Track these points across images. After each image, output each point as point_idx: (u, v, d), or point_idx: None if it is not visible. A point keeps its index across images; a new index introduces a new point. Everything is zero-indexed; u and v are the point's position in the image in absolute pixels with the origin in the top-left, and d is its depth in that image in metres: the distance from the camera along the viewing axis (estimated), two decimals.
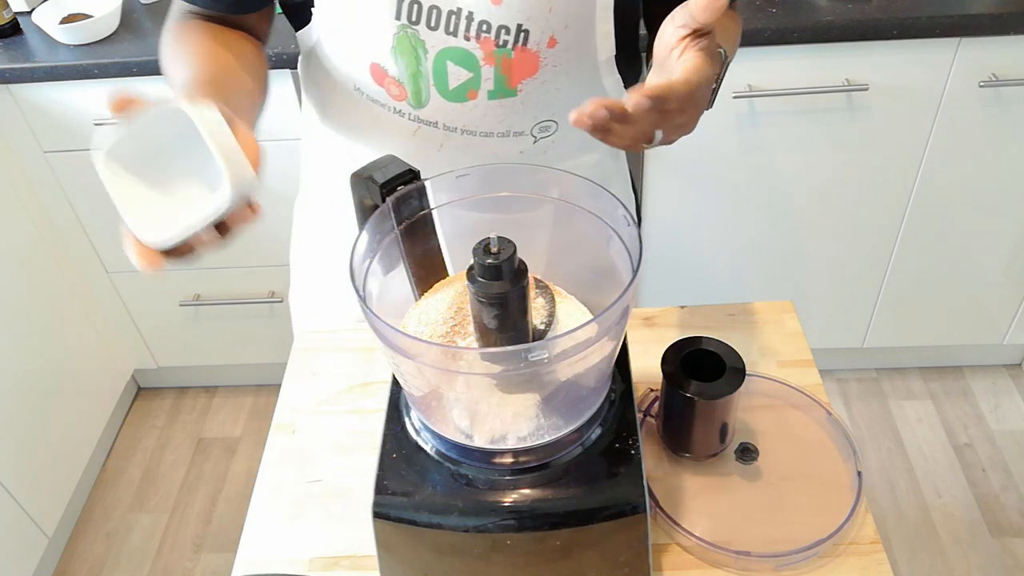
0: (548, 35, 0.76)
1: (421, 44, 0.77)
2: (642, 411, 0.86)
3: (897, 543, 1.75)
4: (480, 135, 0.83)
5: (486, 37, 0.76)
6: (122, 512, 1.94)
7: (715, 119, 1.59)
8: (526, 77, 0.79)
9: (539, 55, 0.78)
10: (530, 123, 0.84)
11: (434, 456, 0.68)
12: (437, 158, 0.85)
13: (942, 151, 1.62)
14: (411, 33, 0.76)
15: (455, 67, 0.78)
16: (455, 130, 0.83)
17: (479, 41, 0.76)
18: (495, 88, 0.79)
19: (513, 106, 0.81)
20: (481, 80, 0.79)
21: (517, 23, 0.75)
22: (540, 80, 0.80)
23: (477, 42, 0.76)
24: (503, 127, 0.83)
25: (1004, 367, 2.09)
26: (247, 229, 0.61)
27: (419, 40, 0.77)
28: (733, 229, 1.77)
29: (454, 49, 0.77)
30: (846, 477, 0.80)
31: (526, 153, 0.86)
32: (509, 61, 0.77)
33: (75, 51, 1.55)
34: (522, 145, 0.86)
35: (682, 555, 0.76)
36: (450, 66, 0.78)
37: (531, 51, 0.77)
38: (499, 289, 0.59)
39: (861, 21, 1.44)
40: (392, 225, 0.70)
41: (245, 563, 0.79)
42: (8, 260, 1.68)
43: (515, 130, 0.84)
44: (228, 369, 2.15)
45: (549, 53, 0.78)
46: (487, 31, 0.76)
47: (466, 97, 0.80)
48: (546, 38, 0.77)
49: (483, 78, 0.78)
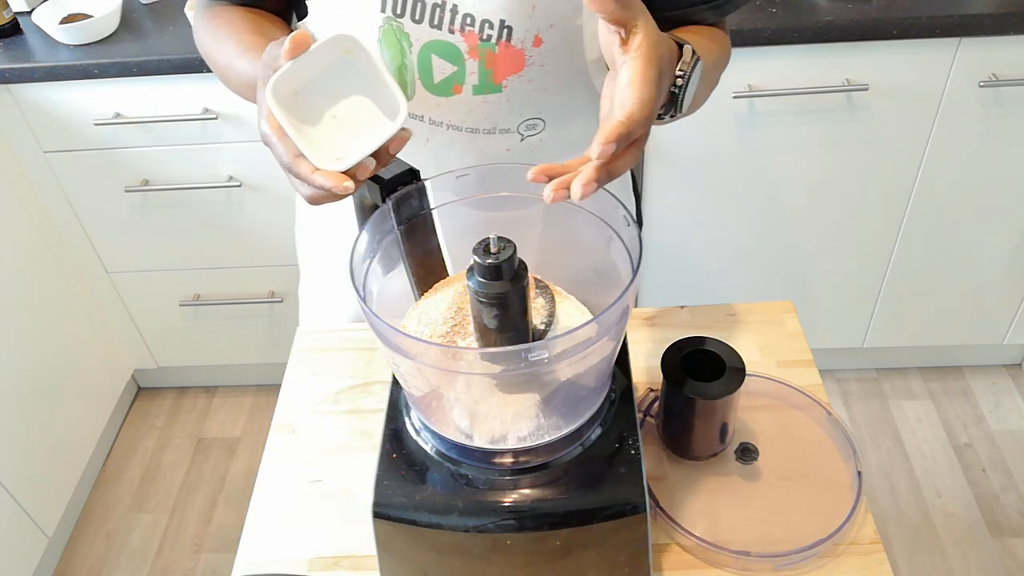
0: (532, 34, 0.76)
1: (406, 37, 0.77)
2: (642, 411, 0.86)
3: (897, 543, 1.75)
4: (466, 131, 0.83)
5: (470, 31, 0.76)
6: (122, 512, 1.94)
7: (715, 119, 1.59)
8: (511, 73, 0.79)
9: (524, 53, 0.77)
10: (516, 120, 0.83)
11: (434, 456, 0.68)
12: (424, 153, 0.85)
13: (942, 151, 1.62)
14: (396, 26, 0.77)
15: (440, 60, 0.78)
16: (441, 125, 0.83)
17: (463, 34, 0.76)
18: (480, 83, 0.79)
19: (498, 102, 0.81)
20: (466, 74, 0.79)
21: (500, 18, 0.75)
22: (526, 78, 0.80)
23: (461, 35, 0.76)
24: (488, 123, 0.83)
25: (1004, 367, 2.09)
26: (399, 150, 0.65)
27: (403, 33, 0.77)
28: (733, 229, 1.77)
29: (439, 42, 0.77)
30: (846, 477, 0.80)
31: (513, 151, 0.86)
32: (493, 56, 0.77)
33: (75, 51, 1.55)
34: (509, 143, 0.85)
35: (682, 555, 0.76)
36: (435, 59, 0.78)
37: (515, 48, 0.77)
38: (499, 289, 0.59)
39: (861, 21, 1.44)
40: (392, 225, 0.70)
41: (245, 563, 0.79)
42: (8, 260, 1.68)
43: (501, 127, 0.83)
44: (228, 369, 2.15)
45: (535, 52, 0.78)
46: (471, 24, 0.76)
47: (451, 91, 0.80)
48: (531, 36, 0.76)
49: (467, 72, 0.78)
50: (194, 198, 1.74)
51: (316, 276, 1.12)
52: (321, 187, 0.60)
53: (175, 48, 1.53)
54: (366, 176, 0.62)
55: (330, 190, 0.60)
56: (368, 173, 0.62)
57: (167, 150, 1.67)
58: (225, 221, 1.78)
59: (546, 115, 0.84)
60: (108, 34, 1.58)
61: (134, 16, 1.65)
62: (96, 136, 1.64)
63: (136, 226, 1.79)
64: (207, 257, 1.85)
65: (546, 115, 0.84)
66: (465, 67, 0.78)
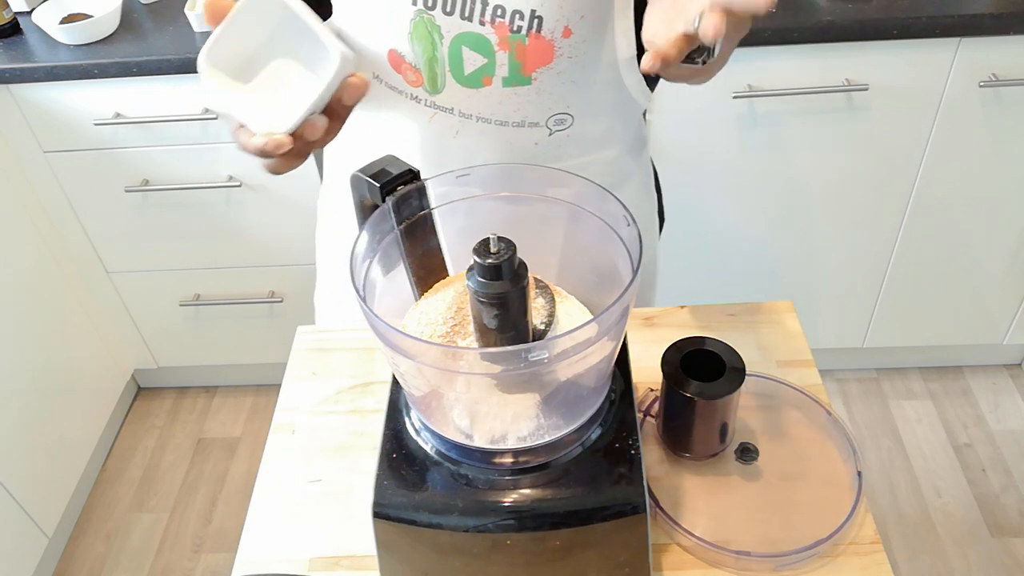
0: (563, 24, 0.76)
1: (437, 29, 0.78)
2: (642, 411, 0.86)
3: (897, 543, 1.75)
4: (495, 123, 0.83)
5: (500, 22, 0.76)
6: (122, 512, 1.94)
7: (715, 119, 1.59)
8: (541, 66, 0.79)
9: (554, 44, 0.78)
10: (545, 114, 0.84)
11: (434, 456, 0.68)
12: (454, 145, 0.86)
13: (942, 151, 1.62)
14: (427, 18, 0.77)
15: (470, 52, 0.78)
16: (470, 117, 0.83)
17: (494, 26, 0.77)
18: (509, 75, 0.79)
19: (528, 95, 0.81)
20: (496, 66, 0.79)
21: (531, 8, 0.75)
22: (555, 71, 0.80)
23: (492, 27, 0.77)
24: (518, 116, 0.83)
25: (1004, 367, 2.09)
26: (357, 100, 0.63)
27: (435, 25, 0.77)
28: (733, 229, 1.77)
29: (469, 34, 0.77)
30: (846, 477, 0.80)
31: (541, 145, 0.86)
32: (523, 48, 0.77)
33: (75, 51, 1.55)
34: (537, 137, 0.85)
35: (682, 555, 0.76)
36: (465, 51, 0.78)
37: (545, 39, 0.77)
38: (499, 289, 0.59)
39: (861, 21, 1.44)
40: (392, 225, 0.70)
41: (245, 563, 0.79)
42: (8, 260, 1.68)
43: (530, 120, 0.84)
44: (228, 369, 2.15)
45: (564, 43, 0.78)
46: (501, 15, 0.76)
47: (481, 83, 0.80)
48: (560, 27, 0.77)
49: (497, 64, 0.79)
50: (194, 198, 1.74)
51: (333, 280, 1.11)
52: (258, 152, 0.60)
53: (175, 48, 1.53)
54: (316, 134, 0.61)
55: (263, 150, 0.59)
56: (318, 131, 0.61)
57: (167, 150, 1.67)
58: (225, 221, 1.78)
59: (575, 110, 0.84)
60: (108, 34, 1.58)
61: (134, 16, 1.65)
62: (96, 136, 1.64)
63: (136, 226, 1.79)
64: (207, 257, 1.85)
65: (575, 110, 0.84)
66: (495, 59, 0.78)
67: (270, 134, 0.59)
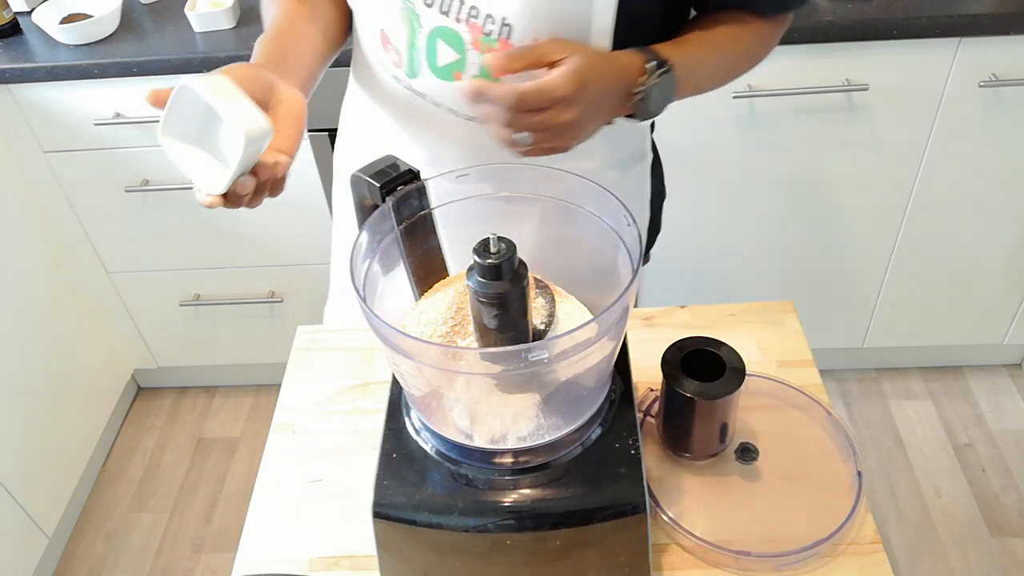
0: (532, 37, 0.76)
1: (417, 18, 0.79)
2: (642, 411, 0.86)
3: (897, 543, 1.75)
4: (464, 117, 0.83)
5: (474, 22, 0.77)
6: (122, 512, 1.94)
7: (715, 119, 1.59)
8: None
9: None
10: None
11: (434, 456, 0.68)
12: (426, 132, 0.88)
13: (942, 151, 1.62)
14: (409, 7, 0.78)
15: (444, 46, 0.79)
16: (441, 107, 0.84)
17: (468, 25, 0.77)
18: (479, 75, 0.80)
19: None
20: (466, 64, 0.79)
21: (502, 16, 0.76)
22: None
23: (467, 25, 0.77)
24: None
25: (1004, 367, 2.09)
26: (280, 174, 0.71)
27: (415, 14, 0.79)
28: (733, 229, 1.77)
29: (445, 29, 0.78)
30: (846, 477, 0.80)
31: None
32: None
33: (75, 51, 1.55)
34: None
35: (682, 555, 0.76)
36: (440, 44, 0.79)
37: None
38: (499, 289, 0.59)
39: (861, 21, 1.44)
40: (392, 225, 0.70)
41: (245, 563, 0.79)
42: (8, 260, 1.68)
43: None
44: (228, 369, 2.15)
45: None
46: (475, 16, 0.76)
47: (452, 77, 0.81)
48: (529, 39, 0.76)
49: (468, 62, 0.79)
50: (194, 198, 1.74)
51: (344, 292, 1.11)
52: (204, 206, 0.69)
53: (175, 48, 1.53)
54: (246, 191, 0.68)
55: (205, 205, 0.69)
56: (247, 189, 0.68)
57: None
58: (225, 221, 1.78)
59: None
60: (108, 34, 1.58)
61: (134, 16, 1.65)
62: (96, 136, 1.64)
63: (136, 226, 1.79)
64: (207, 257, 1.85)
65: None
66: (467, 57, 0.79)
67: (208, 194, 0.68)
